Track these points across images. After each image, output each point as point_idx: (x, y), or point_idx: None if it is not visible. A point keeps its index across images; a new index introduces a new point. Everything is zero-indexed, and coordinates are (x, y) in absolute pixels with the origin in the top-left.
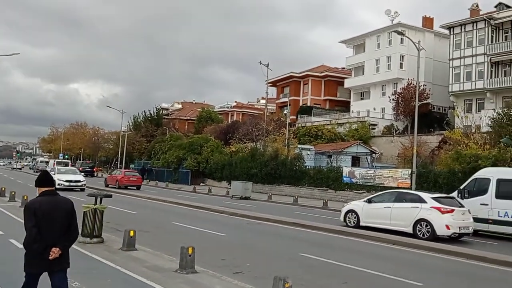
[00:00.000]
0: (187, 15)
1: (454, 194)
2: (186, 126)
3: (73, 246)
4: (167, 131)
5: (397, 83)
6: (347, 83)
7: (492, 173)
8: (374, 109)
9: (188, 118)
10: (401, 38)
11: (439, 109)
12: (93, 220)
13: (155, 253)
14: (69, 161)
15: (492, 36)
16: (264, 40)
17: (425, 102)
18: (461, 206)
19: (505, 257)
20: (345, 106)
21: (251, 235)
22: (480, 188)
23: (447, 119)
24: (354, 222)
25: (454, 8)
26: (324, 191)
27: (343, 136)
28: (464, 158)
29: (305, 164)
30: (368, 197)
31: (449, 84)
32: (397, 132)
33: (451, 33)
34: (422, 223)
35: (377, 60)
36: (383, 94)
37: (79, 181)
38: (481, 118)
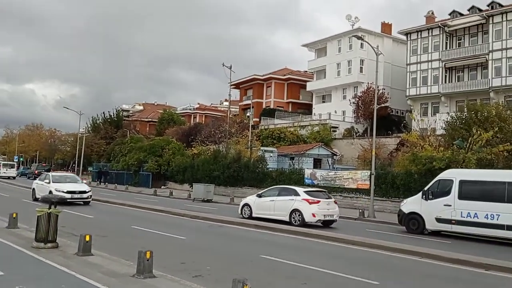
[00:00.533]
0: (147, 15)
1: (419, 195)
2: (148, 128)
3: (26, 251)
4: (127, 133)
5: (357, 86)
6: (309, 86)
7: (455, 175)
8: (336, 112)
9: (150, 120)
10: (361, 43)
11: (397, 112)
12: (47, 224)
13: (112, 258)
14: (15, 163)
15: (446, 43)
16: (227, 42)
17: (384, 105)
18: (328, 198)
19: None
20: (307, 109)
21: (212, 238)
22: (443, 189)
23: (405, 122)
24: (248, 214)
25: (411, 15)
26: None
27: (306, 139)
28: (420, 160)
29: (267, 166)
30: (258, 193)
31: (406, 88)
32: (357, 135)
33: (408, 39)
34: (296, 212)
35: (338, 64)
36: (344, 97)
37: (84, 192)
38: (436, 121)
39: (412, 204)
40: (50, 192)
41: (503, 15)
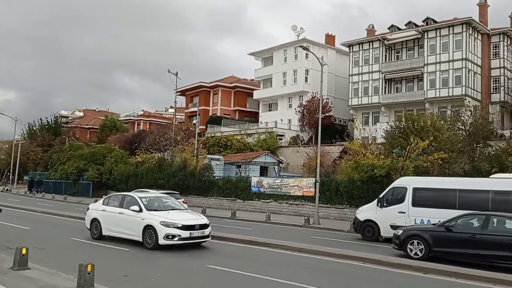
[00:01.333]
0: (89, 18)
1: (374, 202)
2: (88, 135)
3: None
4: (66, 140)
5: (302, 95)
6: (256, 95)
7: (408, 182)
8: (282, 120)
9: (91, 126)
10: (306, 53)
11: (340, 121)
12: None
13: (51, 272)
14: None
15: (386, 55)
16: (173, 48)
17: (328, 114)
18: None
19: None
20: (254, 117)
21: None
22: (397, 197)
23: (348, 130)
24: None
25: (353, 27)
26: (232, 201)
27: (252, 147)
28: (362, 168)
29: (214, 175)
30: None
31: (349, 98)
32: (302, 143)
33: (351, 50)
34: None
35: (284, 73)
36: (290, 106)
37: (205, 226)
38: (376, 130)
39: (367, 211)
40: (149, 227)
41: (437, 31)
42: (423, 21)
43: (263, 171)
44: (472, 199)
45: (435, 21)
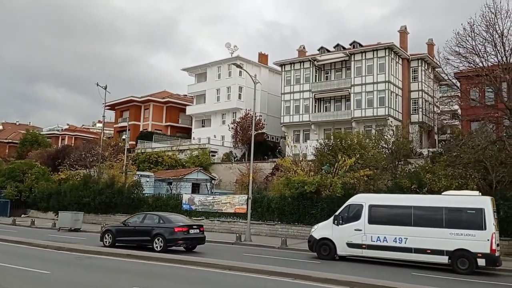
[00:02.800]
0: (13, 25)
1: (330, 220)
2: (7, 150)
3: None
4: None
5: (236, 112)
6: (189, 110)
7: (364, 199)
8: (215, 136)
9: (10, 141)
10: (240, 71)
11: (272, 138)
12: None
13: None
14: None
15: (316, 75)
16: (102, 61)
17: (261, 131)
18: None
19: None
20: (186, 133)
21: (80, 270)
22: (354, 214)
23: (280, 147)
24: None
25: (285, 46)
26: None
27: (184, 163)
28: (293, 184)
29: (144, 192)
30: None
31: (281, 116)
32: (235, 159)
33: (283, 70)
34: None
35: (217, 90)
36: (223, 122)
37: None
38: (307, 147)
39: (323, 229)
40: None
41: (363, 54)
42: (350, 44)
43: (195, 188)
44: (426, 215)
45: (361, 45)
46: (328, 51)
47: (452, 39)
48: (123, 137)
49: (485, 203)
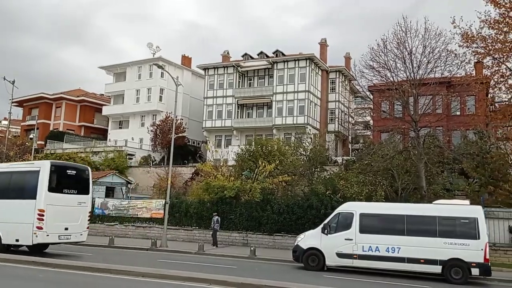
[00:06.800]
0: None
1: (318, 229)
2: None
3: None
4: None
5: (156, 115)
6: (106, 111)
7: (355, 208)
8: (133, 139)
9: None
10: (162, 72)
11: (194, 142)
12: None
13: None
14: None
15: (239, 81)
16: (7, 54)
17: (181, 135)
18: None
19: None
20: (102, 134)
21: None
22: (344, 223)
23: (200, 152)
24: None
25: (205, 49)
26: None
27: (98, 165)
28: (213, 189)
29: None
30: None
31: (203, 120)
32: (154, 163)
33: (206, 74)
34: None
35: (137, 91)
36: (142, 124)
37: None
38: (228, 153)
39: (311, 239)
40: None
41: (285, 63)
42: (273, 53)
43: (110, 192)
44: (419, 224)
45: (283, 54)
46: (252, 58)
47: (367, 53)
48: (31, 136)
49: (478, 212)
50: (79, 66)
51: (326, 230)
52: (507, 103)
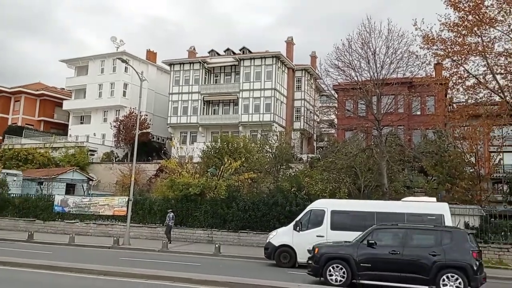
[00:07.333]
0: None
1: (290, 226)
2: None
3: None
4: None
5: (119, 110)
6: (67, 105)
7: (326, 205)
8: (95, 134)
9: None
10: (126, 67)
11: (158, 139)
12: None
13: None
14: None
15: (205, 78)
16: None
17: (145, 131)
18: None
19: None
20: (63, 129)
21: None
22: (315, 220)
23: (165, 148)
24: None
25: (171, 45)
26: (31, 222)
27: (59, 162)
28: (178, 186)
29: (9, 192)
30: None
31: (168, 116)
32: (117, 160)
33: (172, 69)
34: None
35: (100, 85)
36: (105, 120)
37: None
38: (193, 150)
39: (282, 236)
40: None
41: (251, 60)
42: (240, 50)
43: (70, 189)
44: (389, 221)
45: (250, 51)
46: (219, 54)
47: (333, 53)
48: None
49: (444, 209)
50: (39, 59)
51: (298, 227)
52: (464, 104)
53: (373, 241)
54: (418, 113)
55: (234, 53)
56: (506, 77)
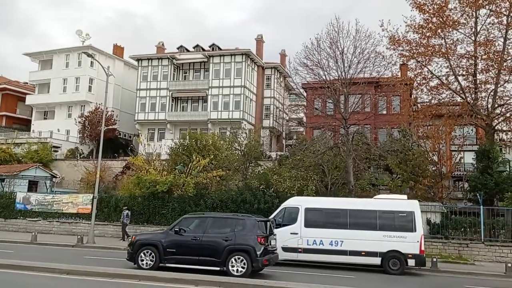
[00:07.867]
0: None
1: None
2: None
3: None
4: None
5: (85, 105)
6: (29, 100)
7: (300, 202)
8: (59, 130)
9: None
10: (92, 61)
11: (125, 135)
12: None
13: None
14: None
15: (174, 74)
16: None
17: (112, 127)
18: None
19: None
20: (25, 125)
21: None
22: (289, 217)
23: (132, 145)
24: None
25: (138, 39)
26: None
27: (21, 158)
28: (145, 183)
29: None
30: None
31: (135, 113)
32: (81, 156)
33: (139, 65)
34: None
35: (64, 80)
36: (70, 115)
37: None
38: (161, 147)
39: None
40: None
41: (221, 57)
42: (210, 47)
43: (33, 186)
44: (361, 218)
45: (220, 48)
46: (188, 50)
47: (302, 51)
48: None
49: (415, 206)
50: (1, 52)
51: (273, 224)
52: (428, 104)
53: (178, 229)
54: (384, 112)
55: (203, 50)
56: (468, 78)
